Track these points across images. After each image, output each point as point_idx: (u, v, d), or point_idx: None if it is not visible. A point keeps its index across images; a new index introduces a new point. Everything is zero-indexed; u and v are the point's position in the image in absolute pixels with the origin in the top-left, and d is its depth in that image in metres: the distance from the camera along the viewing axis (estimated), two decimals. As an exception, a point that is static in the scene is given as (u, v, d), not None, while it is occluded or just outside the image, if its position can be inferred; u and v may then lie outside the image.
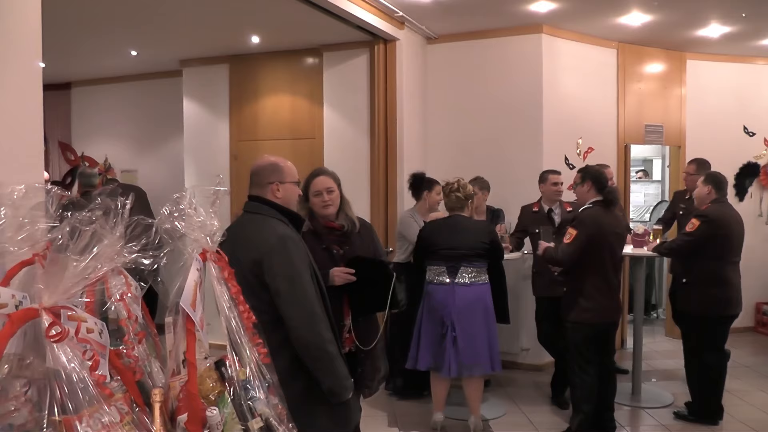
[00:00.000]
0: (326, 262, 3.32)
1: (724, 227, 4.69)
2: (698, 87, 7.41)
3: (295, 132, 6.52)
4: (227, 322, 1.60)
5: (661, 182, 9.48)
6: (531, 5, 5.63)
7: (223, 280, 1.65)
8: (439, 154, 6.49)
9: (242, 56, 6.69)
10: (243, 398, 1.49)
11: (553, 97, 6.34)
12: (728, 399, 5.00)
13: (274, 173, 2.74)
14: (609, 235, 4.44)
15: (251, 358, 1.57)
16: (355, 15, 5.11)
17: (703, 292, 4.72)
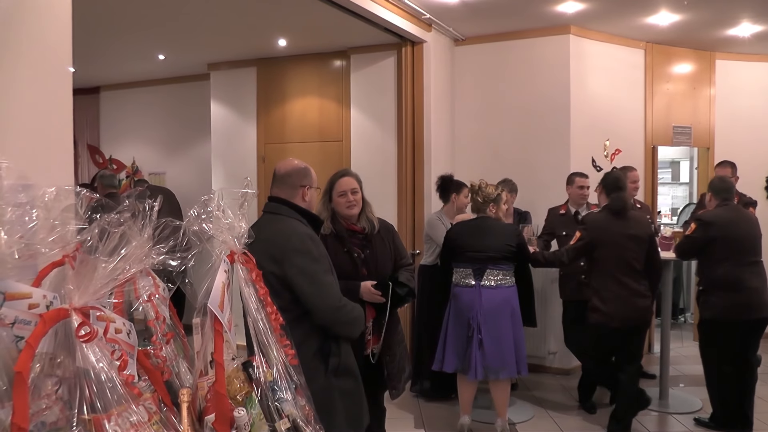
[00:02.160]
0: (348, 265, 3.33)
1: (722, 229, 4.64)
2: (728, 87, 7.29)
3: (323, 134, 6.54)
4: (255, 324, 1.61)
5: (689, 184, 9.35)
6: (558, 6, 5.60)
7: (251, 281, 1.66)
8: (466, 157, 6.47)
9: (269, 59, 6.73)
10: (270, 399, 1.49)
11: (580, 99, 6.29)
12: (759, 405, 4.89)
13: (306, 177, 2.83)
14: (616, 237, 4.48)
15: (278, 359, 1.58)
16: (382, 17, 5.11)
17: (718, 296, 4.63)
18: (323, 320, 2.67)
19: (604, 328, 4.53)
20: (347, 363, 2.79)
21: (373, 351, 3.38)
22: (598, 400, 5.27)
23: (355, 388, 2.85)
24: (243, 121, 6.92)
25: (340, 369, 2.73)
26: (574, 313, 5.26)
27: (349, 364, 2.82)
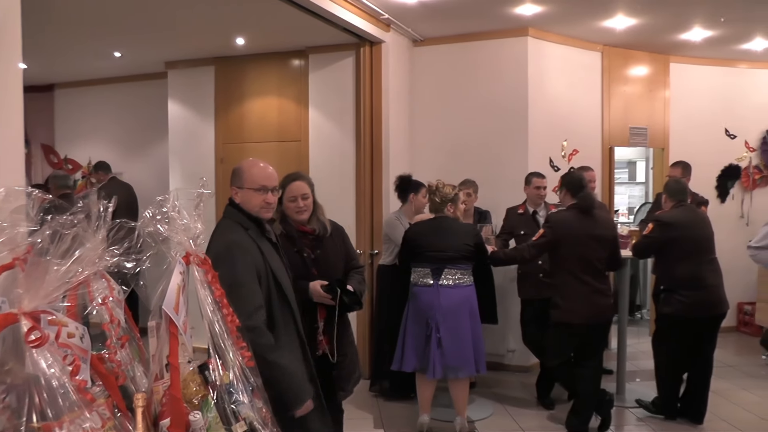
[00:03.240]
0: (299, 265, 3.31)
1: (680, 229, 4.81)
2: (682, 90, 7.48)
3: (282, 134, 6.50)
4: (211, 326, 1.59)
5: (645, 184, 9.54)
6: (517, 8, 5.65)
7: (207, 283, 1.65)
8: (425, 157, 6.50)
9: (228, 58, 6.66)
10: (227, 402, 1.48)
11: (538, 100, 6.37)
12: (712, 398, 5.04)
13: (235, 177, 2.76)
14: (579, 236, 4.55)
15: (235, 362, 1.57)
16: (340, 17, 5.10)
17: (679, 294, 4.80)
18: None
19: (566, 326, 4.60)
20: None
21: (325, 351, 3.37)
22: (556, 397, 5.35)
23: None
24: (201, 121, 6.84)
25: None
26: (532, 312, 5.34)
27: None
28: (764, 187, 7.88)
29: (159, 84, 7.11)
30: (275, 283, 2.67)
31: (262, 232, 2.75)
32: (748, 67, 7.66)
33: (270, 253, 2.72)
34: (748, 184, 7.80)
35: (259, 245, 2.67)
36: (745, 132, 7.77)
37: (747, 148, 7.80)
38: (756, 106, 7.72)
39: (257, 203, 2.71)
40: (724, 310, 4.92)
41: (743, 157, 7.79)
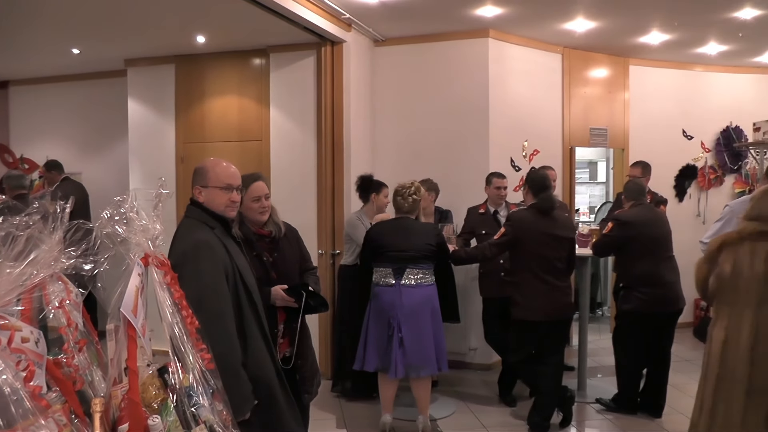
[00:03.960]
0: (258, 269, 3.27)
1: (638, 228, 4.92)
2: (641, 92, 7.62)
3: (243, 134, 6.45)
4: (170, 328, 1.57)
5: (605, 183, 9.69)
6: (477, 10, 5.69)
7: (166, 285, 1.63)
8: (386, 156, 6.50)
9: (188, 56, 6.59)
10: (186, 405, 1.46)
11: (499, 101, 6.42)
12: (671, 392, 5.16)
13: (198, 177, 2.72)
14: (538, 235, 4.63)
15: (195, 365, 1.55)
16: (301, 16, 5.08)
17: (638, 291, 4.91)
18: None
19: (527, 323, 4.67)
20: (255, 374, 2.61)
21: (285, 354, 3.36)
22: (518, 394, 5.41)
23: (269, 398, 2.69)
24: (161, 120, 6.75)
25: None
26: (494, 310, 5.40)
27: (258, 374, 2.63)
28: (719, 186, 8.07)
29: (118, 82, 7.00)
30: (242, 282, 2.64)
31: (227, 231, 2.72)
32: (703, 70, 7.84)
33: (236, 252, 2.70)
34: (704, 183, 7.99)
35: (225, 244, 2.64)
36: (701, 133, 7.95)
37: (703, 149, 7.99)
38: (711, 108, 7.91)
39: (222, 202, 2.69)
40: (681, 306, 5.06)
41: (699, 158, 7.98)
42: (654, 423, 4.95)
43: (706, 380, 3.42)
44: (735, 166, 8.04)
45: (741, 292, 3.21)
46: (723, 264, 3.31)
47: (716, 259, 3.35)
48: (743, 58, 7.55)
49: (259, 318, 2.70)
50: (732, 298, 3.27)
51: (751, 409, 3.18)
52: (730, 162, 8.01)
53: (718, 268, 3.33)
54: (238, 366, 2.46)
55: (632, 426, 4.90)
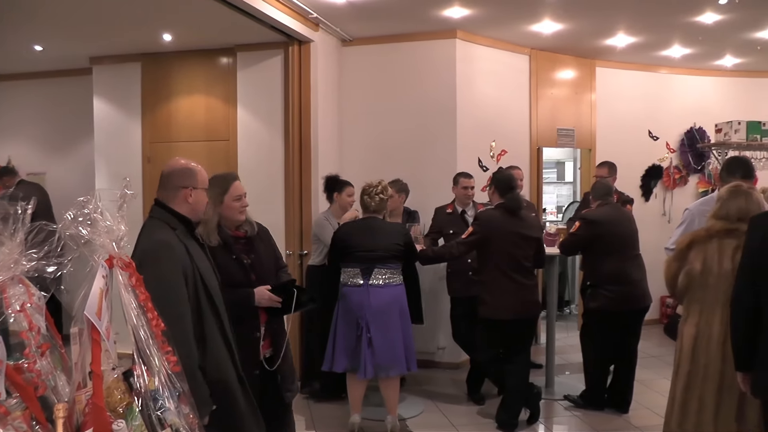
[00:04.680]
0: (239, 273, 3.26)
1: (605, 227, 5.00)
2: (607, 93, 7.72)
3: (210, 134, 6.38)
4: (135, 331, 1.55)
5: (573, 183, 9.80)
6: (445, 11, 5.71)
7: (131, 287, 1.60)
8: (354, 156, 6.49)
9: (155, 55, 6.51)
10: (152, 409, 1.45)
11: (467, 101, 6.45)
12: (637, 388, 5.25)
13: (188, 177, 2.67)
14: (506, 235, 4.67)
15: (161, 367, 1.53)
16: (269, 15, 5.05)
17: (605, 289, 4.98)
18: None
19: (494, 322, 4.70)
20: (214, 377, 2.56)
21: (265, 355, 3.34)
22: (486, 392, 5.44)
23: (229, 402, 2.63)
24: (128, 119, 6.66)
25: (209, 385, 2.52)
26: (462, 309, 5.42)
27: (217, 377, 2.58)
28: (683, 186, 8.22)
29: (83, 80, 6.88)
30: (203, 285, 2.60)
31: (190, 233, 2.69)
32: (668, 72, 7.98)
33: (198, 254, 2.66)
34: (670, 183, 8.13)
35: (187, 246, 2.61)
36: (666, 134, 8.10)
37: (668, 149, 8.13)
38: (676, 110, 8.06)
39: (204, 204, 2.73)
40: (647, 304, 5.15)
41: (665, 158, 8.12)
42: (621, 418, 5.02)
43: (678, 376, 3.49)
44: (699, 166, 8.20)
45: (711, 289, 3.28)
46: (693, 262, 3.38)
47: (686, 256, 3.42)
48: (705, 61, 7.71)
49: (220, 321, 2.65)
50: (702, 296, 3.34)
51: (722, 404, 3.26)
52: (694, 162, 8.16)
53: (688, 266, 3.40)
54: (194, 369, 2.41)
55: (599, 422, 4.97)
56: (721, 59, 7.61)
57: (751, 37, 6.58)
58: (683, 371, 3.43)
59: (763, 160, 7.23)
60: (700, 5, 5.61)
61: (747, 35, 6.54)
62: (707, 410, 3.31)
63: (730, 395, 3.19)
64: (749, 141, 6.76)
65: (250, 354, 3.16)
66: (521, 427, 4.82)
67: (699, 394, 3.35)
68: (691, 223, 4.28)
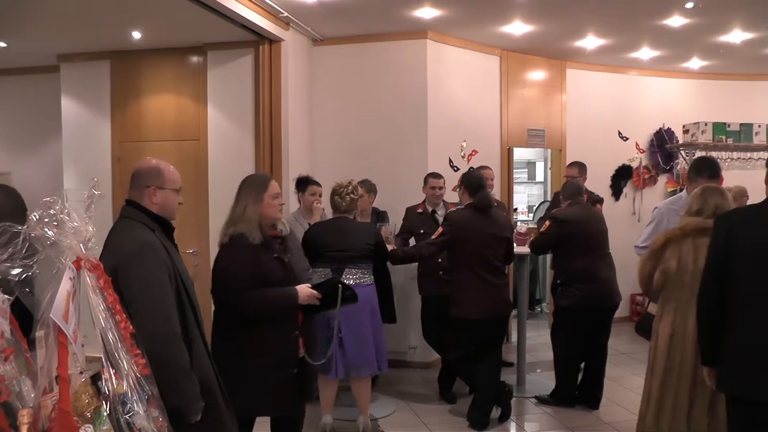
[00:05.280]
0: (278, 270, 3.29)
1: (575, 226, 5.07)
2: (578, 94, 7.81)
3: (180, 133, 6.31)
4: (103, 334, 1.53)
5: (543, 183, 9.88)
6: (416, 11, 5.72)
7: (99, 289, 1.58)
8: (325, 156, 6.47)
9: (124, 52, 6.42)
10: (121, 413, 1.43)
11: (438, 101, 6.47)
12: (608, 385, 5.32)
13: (154, 177, 2.63)
14: (477, 234, 4.70)
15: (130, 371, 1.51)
16: (238, 14, 5.01)
17: (575, 287, 5.04)
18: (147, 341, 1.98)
19: (465, 321, 4.73)
20: (200, 376, 2.50)
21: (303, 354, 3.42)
22: (458, 391, 5.46)
23: (211, 400, 2.56)
24: (97, 118, 6.56)
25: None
26: (433, 309, 5.43)
27: (202, 377, 2.52)
28: (653, 185, 8.34)
29: (51, 78, 6.77)
30: (183, 284, 2.58)
31: (167, 234, 2.67)
32: (638, 74, 8.10)
33: (176, 255, 2.65)
34: (639, 183, 8.25)
35: (166, 246, 2.58)
36: (636, 134, 8.21)
37: (638, 150, 8.24)
38: (645, 111, 8.17)
39: (176, 204, 2.68)
40: (617, 302, 5.21)
41: (634, 158, 8.23)
42: (591, 415, 5.08)
43: (653, 374, 3.54)
44: (667, 166, 8.33)
45: (686, 286, 3.33)
46: (669, 260, 3.43)
47: (661, 255, 3.47)
48: (673, 63, 7.84)
49: (198, 322, 2.65)
50: (678, 293, 3.39)
51: (696, 399, 3.32)
52: (663, 162, 8.29)
53: (663, 264, 3.45)
54: (188, 366, 2.41)
55: (570, 419, 5.01)
56: (689, 62, 7.74)
57: (717, 40, 6.70)
58: (659, 368, 3.49)
59: (729, 161, 7.38)
60: (668, 9, 5.70)
61: (712, 39, 6.67)
62: (682, 406, 3.37)
63: (703, 391, 3.25)
64: (715, 142, 6.89)
65: (288, 353, 3.28)
66: (493, 425, 4.84)
67: (674, 390, 3.41)
68: (660, 222, 4.35)
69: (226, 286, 3.23)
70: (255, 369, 3.24)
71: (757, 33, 6.45)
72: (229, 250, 3.28)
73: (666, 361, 3.45)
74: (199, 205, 6.05)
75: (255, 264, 3.22)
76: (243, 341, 3.26)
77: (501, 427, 4.86)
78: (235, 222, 3.30)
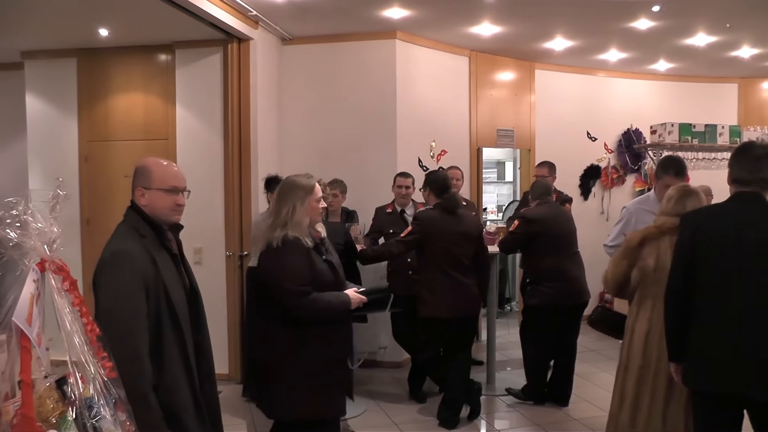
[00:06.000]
0: (328, 273, 3.28)
1: (544, 225, 5.13)
2: (546, 95, 7.88)
3: (149, 132, 6.23)
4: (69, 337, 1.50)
5: (513, 183, 9.95)
6: (385, 11, 5.72)
7: (65, 291, 1.56)
8: (295, 156, 6.43)
9: (91, 50, 6.31)
10: (87, 418, 1.41)
11: (407, 101, 6.48)
12: (577, 381, 5.38)
13: (141, 177, 2.51)
14: (445, 234, 4.72)
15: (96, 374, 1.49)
16: (206, 11, 4.96)
17: (544, 285, 5.10)
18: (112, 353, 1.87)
19: (434, 320, 4.75)
20: (166, 399, 2.35)
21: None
22: (428, 390, 5.47)
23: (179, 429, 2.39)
24: (63, 117, 6.44)
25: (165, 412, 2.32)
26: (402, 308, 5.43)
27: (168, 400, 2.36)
28: (621, 185, 8.46)
29: (14, 75, 6.63)
30: (166, 298, 2.41)
31: (161, 241, 2.51)
32: (605, 75, 8.20)
33: (165, 264, 2.47)
34: (608, 182, 8.36)
35: (154, 255, 2.42)
36: (604, 135, 8.32)
37: (606, 150, 8.35)
38: (613, 112, 8.28)
39: (167, 205, 2.50)
40: (585, 299, 5.28)
41: (603, 158, 8.34)
42: (561, 412, 5.14)
43: (628, 372, 3.56)
44: (635, 166, 8.45)
45: (663, 285, 3.37)
46: (647, 258, 3.47)
47: (638, 254, 3.51)
48: (641, 65, 7.96)
49: (181, 339, 2.46)
50: (655, 291, 3.42)
51: (673, 397, 3.37)
52: (631, 162, 8.41)
53: (641, 262, 3.49)
54: (147, 390, 2.24)
55: (540, 415, 5.06)
56: (656, 63, 7.86)
57: (682, 43, 6.82)
58: (634, 366, 3.52)
59: (694, 161, 7.50)
60: (635, 12, 5.78)
61: (678, 42, 6.78)
62: (658, 404, 3.42)
63: (680, 388, 3.29)
64: (681, 142, 7.01)
65: (345, 353, 3.35)
66: (462, 423, 4.87)
67: (651, 388, 3.45)
68: (629, 221, 4.40)
69: (288, 289, 3.16)
70: (316, 372, 3.24)
71: (720, 36, 6.58)
72: (286, 253, 3.19)
73: (642, 359, 3.49)
74: (167, 206, 5.98)
75: (311, 267, 3.21)
76: (301, 343, 3.24)
77: (471, 425, 4.89)
78: (283, 225, 3.23)
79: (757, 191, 2.81)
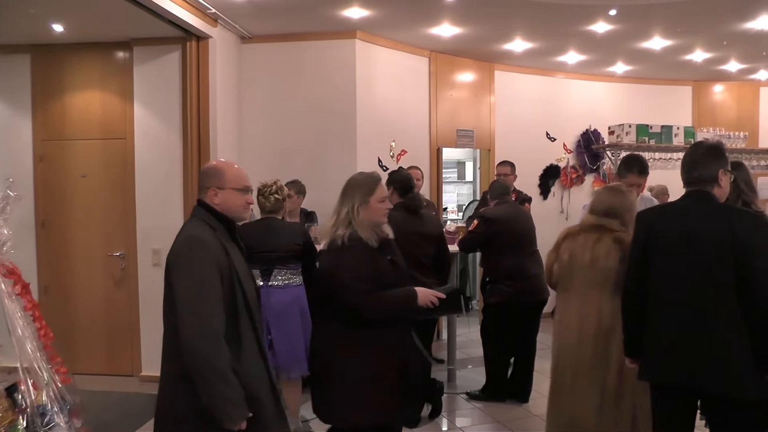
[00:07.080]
0: (392, 273, 3.23)
1: (503, 224, 5.18)
2: (506, 96, 7.96)
3: (106, 131, 6.10)
4: (21, 342, 1.47)
5: (473, 182, 10.03)
6: (344, 11, 5.71)
7: (16, 295, 1.52)
8: (254, 156, 6.38)
9: (46, 46, 6.15)
10: (39, 425, 1.38)
11: (367, 101, 6.48)
12: (537, 378, 5.43)
13: (213, 178, 2.63)
14: (407, 234, 4.69)
15: (50, 381, 1.46)
16: (164, 8, 4.88)
17: (504, 284, 5.17)
18: (186, 334, 2.29)
19: None
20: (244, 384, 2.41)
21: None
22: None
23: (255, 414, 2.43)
24: (16, 115, 6.26)
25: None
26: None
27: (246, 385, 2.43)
28: (580, 185, 8.60)
29: (-36, 72, 6.45)
30: (240, 288, 2.52)
31: (230, 235, 2.65)
32: (564, 77, 8.33)
33: (236, 255, 2.60)
34: (567, 182, 8.48)
35: (226, 246, 2.54)
36: (563, 135, 8.44)
37: (565, 150, 8.47)
38: (572, 113, 8.42)
39: (240, 204, 2.65)
40: (545, 297, 5.32)
41: (562, 158, 8.46)
42: (521, 408, 5.21)
43: (551, 360, 3.76)
44: (594, 166, 8.60)
45: (574, 278, 3.52)
46: (563, 253, 3.65)
47: (560, 248, 3.66)
48: (599, 67, 8.11)
49: (255, 329, 2.57)
50: (568, 284, 3.60)
51: (582, 380, 3.49)
52: (590, 162, 8.55)
53: (560, 257, 3.64)
54: (226, 368, 2.33)
55: (500, 412, 5.12)
56: (613, 66, 8.00)
57: (639, 46, 6.95)
58: (552, 354, 3.72)
59: (651, 161, 7.64)
60: (593, 15, 5.87)
61: (635, 45, 6.91)
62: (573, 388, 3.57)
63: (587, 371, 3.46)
64: (638, 143, 7.14)
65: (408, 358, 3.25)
66: (424, 422, 4.88)
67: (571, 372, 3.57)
68: None
69: (354, 288, 3.09)
70: (377, 377, 3.13)
71: (675, 40, 6.73)
72: (350, 252, 3.14)
73: (557, 348, 3.67)
74: (125, 206, 5.89)
75: (375, 267, 3.15)
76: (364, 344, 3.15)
77: (432, 423, 4.92)
78: (345, 224, 3.19)
79: (706, 189, 2.87)
